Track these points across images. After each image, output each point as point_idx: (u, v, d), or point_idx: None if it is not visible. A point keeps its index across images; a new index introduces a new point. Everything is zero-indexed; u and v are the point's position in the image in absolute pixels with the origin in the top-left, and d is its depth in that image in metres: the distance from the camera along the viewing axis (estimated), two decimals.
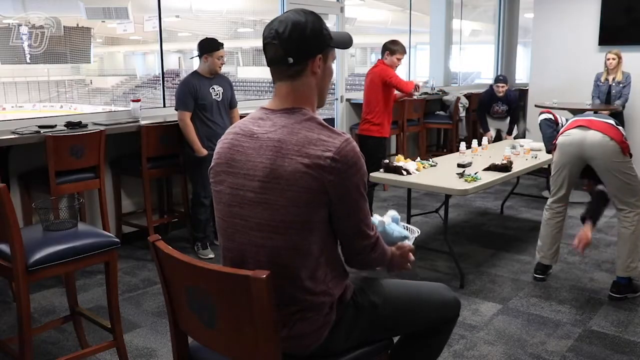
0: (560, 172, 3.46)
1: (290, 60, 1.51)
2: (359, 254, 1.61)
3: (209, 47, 4.00)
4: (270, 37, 1.52)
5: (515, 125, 6.87)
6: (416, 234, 2.01)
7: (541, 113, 3.77)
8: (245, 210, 1.52)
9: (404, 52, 4.66)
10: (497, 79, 6.64)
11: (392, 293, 1.76)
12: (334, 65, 1.67)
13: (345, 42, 1.66)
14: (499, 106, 6.68)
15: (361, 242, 1.58)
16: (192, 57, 4.15)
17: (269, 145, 1.49)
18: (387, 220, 1.85)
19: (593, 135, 3.24)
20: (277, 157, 1.46)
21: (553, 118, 3.70)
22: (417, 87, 4.69)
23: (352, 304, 1.64)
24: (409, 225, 2.05)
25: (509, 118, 6.82)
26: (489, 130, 6.77)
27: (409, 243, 1.85)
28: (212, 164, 1.62)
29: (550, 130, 3.64)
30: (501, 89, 6.55)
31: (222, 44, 4.05)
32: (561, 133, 3.43)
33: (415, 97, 6.04)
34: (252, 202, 1.50)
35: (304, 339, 1.56)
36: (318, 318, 1.55)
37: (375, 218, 1.83)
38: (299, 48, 1.52)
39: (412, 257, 1.83)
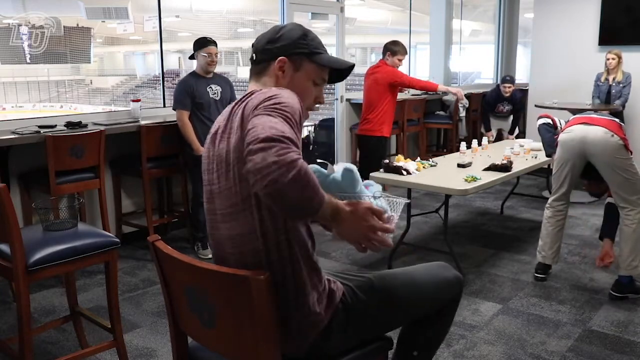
0: (562, 169, 3.47)
1: (254, 56, 1.62)
2: (254, 152, 1.23)
3: (197, 45, 4.07)
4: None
5: (517, 126, 6.88)
6: (401, 203, 1.57)
7: (540, 117, 3.76)
8: (214, 204, 1.55)
9: (405, 53, 4.66)
10: (504, 80, 6.65)
11: (386, 288, 1.72)
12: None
13: (338, 63, 1.66)
14: (504, 106, 6.71)
15: (251, 141, 1.26)
16: (189, 57, 4.18)
17: (221, 132, 1.51)
18: (338, 168, 1.50)
19: (595, 131, 3.26)
20: (224, 138, 1.49)
21: (552, 122, 3.69)
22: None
23: (341, 307, 1.61)
24: (395, 199, 1.60)
25: (511, 117, 6.83)
26: (490, 130, 6.78)
27: (375, 202, 1.41)
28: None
29: (549, 135, 3.64)
30: (507, 90, 6.57)
31: (212, 42, 4.07)
32: (563, 130, 3.45)
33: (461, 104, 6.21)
34: (216, 194, 1.53)
35: (294, 342, 1.54)
36: (300, 321, 1.52)
37: (315, 166, 1.58)
38: (263, 46, 1.60)
39: (371, 220, 1.36)
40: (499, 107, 6.71)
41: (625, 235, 3.34)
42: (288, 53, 1.58)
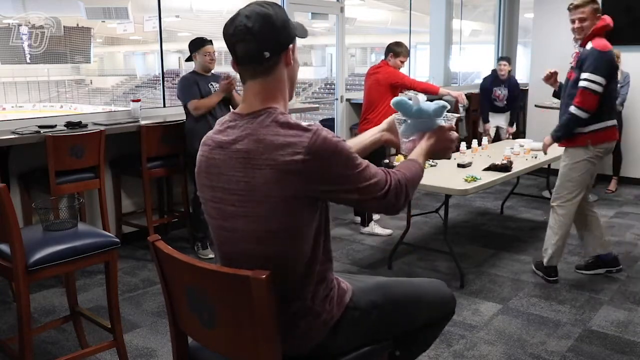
0: (592, 173, 3.54)
1: (267, 54, 1.45)
2: (384, 208, 1.53)
3: (196, 45, 4.10)
4: (241, 33, 1.44)
5: (515, 122, 6.81)
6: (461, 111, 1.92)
7: (584, 108, 3.32)
8: (229, 223, 1.50)
9: (408, 55, 4.67)
10: (500, 58, 6.63)
11: (392, 292, 1.77)
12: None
13: (304, 30, 1.58)
14: (501, 90, 6.63)
15: (371, 202, 1.50)
16: (186, 60, 4.21)
17: (238, 157, 1.44)
18: (422, 98, 1.74)
19: None
20: (247, 169, 1.42)
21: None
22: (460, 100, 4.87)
23: (352, 306, 1.64)
24: (452, 115, 1.87)
25: (508, 113, 6.76)
26: (488, 122, 6.71)
27: (447, 121, 1.75)
28: (195, 170, 1.58)
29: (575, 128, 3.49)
30: (503, 68, 6.52)
31: (208, 41, 4.11)
32: (606, 140, 3.44)
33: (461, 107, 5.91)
34: (234, 215, 1.47)
35: (298, 341, 1.55)
36: (312, 320, 1.54)
37: (406, 97, 1.75)
38: (273, 41, 1.46)
39: (454, 134, 1.76)
40: (495, 91, 6.63)
41: (597, 221, 3.69)
42: (293, 37, 1.51)
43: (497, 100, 6.73)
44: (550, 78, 3.67)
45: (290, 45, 1.50)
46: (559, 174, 3.57)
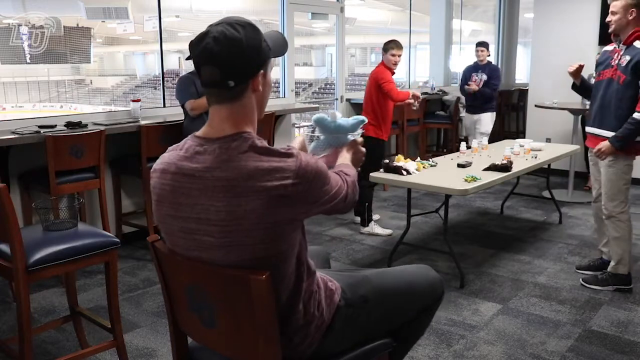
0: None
1: (231, 83, 1.38)
2: (348, 207, 1.60)
3: None
4: (206, 57, 1.37)
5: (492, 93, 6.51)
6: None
7: None
8: (208, 254, 1.42)
9: (398, 47, 4.65)
10: (477, 44, 6.51)
11: (381, 283, 1.77)
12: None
13: (283, 47, 1.54)
14: (478, 75, 6.45)
15: (339, 204, 1.54)
16: (186, 59, 4.21)
17: (217, 186, 1.35)
18: (339, 114, 1.82)
19: None
20: (230, 197, 1.34)
21: None
22: (415, 97, 4.65)
23: (342, 304, 1.63)
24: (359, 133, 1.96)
25: (482, 115, 6.47)
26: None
27: (357, 135, 1.85)
28: (153, 203, 1.50)
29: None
30: (481, 54, 6.42)
31: None
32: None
33: (414, 108, 5.43)
34: (213, 246, 1.40)
35: (294, 351, 1.55)
36: (305, 330, 1.54)
37: (322, 115, 1.80)
38: (239, 69, 1.38)
39: (363, 149, 1.84)
40: (473, 77, 6.47)
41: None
42: (262, 63, 1.44)
43: (474, 83, 6.45)
44: (578, 72, 3.61)
45: (261, 71, 1.43)
46: (611, 182, 3.38)
